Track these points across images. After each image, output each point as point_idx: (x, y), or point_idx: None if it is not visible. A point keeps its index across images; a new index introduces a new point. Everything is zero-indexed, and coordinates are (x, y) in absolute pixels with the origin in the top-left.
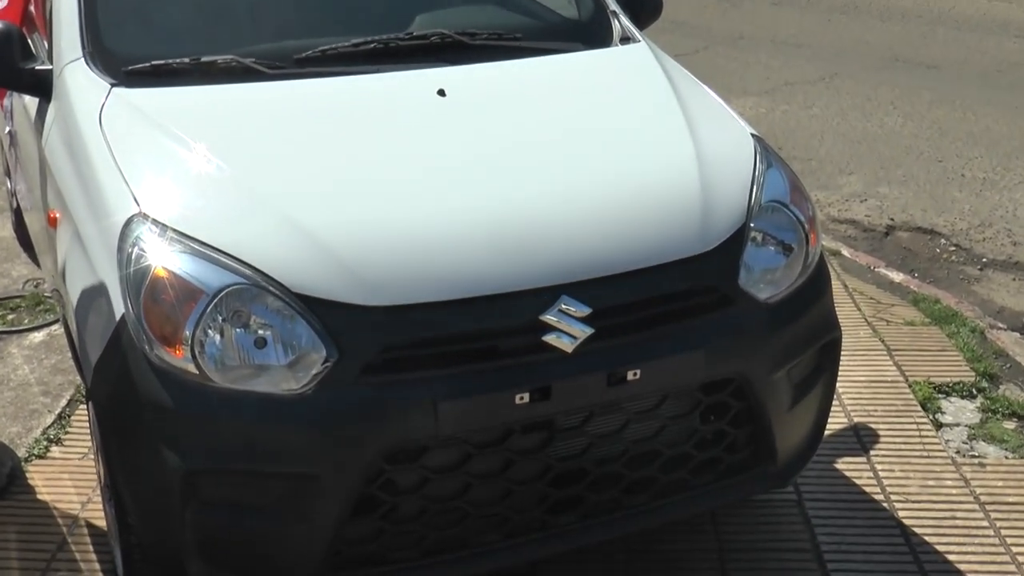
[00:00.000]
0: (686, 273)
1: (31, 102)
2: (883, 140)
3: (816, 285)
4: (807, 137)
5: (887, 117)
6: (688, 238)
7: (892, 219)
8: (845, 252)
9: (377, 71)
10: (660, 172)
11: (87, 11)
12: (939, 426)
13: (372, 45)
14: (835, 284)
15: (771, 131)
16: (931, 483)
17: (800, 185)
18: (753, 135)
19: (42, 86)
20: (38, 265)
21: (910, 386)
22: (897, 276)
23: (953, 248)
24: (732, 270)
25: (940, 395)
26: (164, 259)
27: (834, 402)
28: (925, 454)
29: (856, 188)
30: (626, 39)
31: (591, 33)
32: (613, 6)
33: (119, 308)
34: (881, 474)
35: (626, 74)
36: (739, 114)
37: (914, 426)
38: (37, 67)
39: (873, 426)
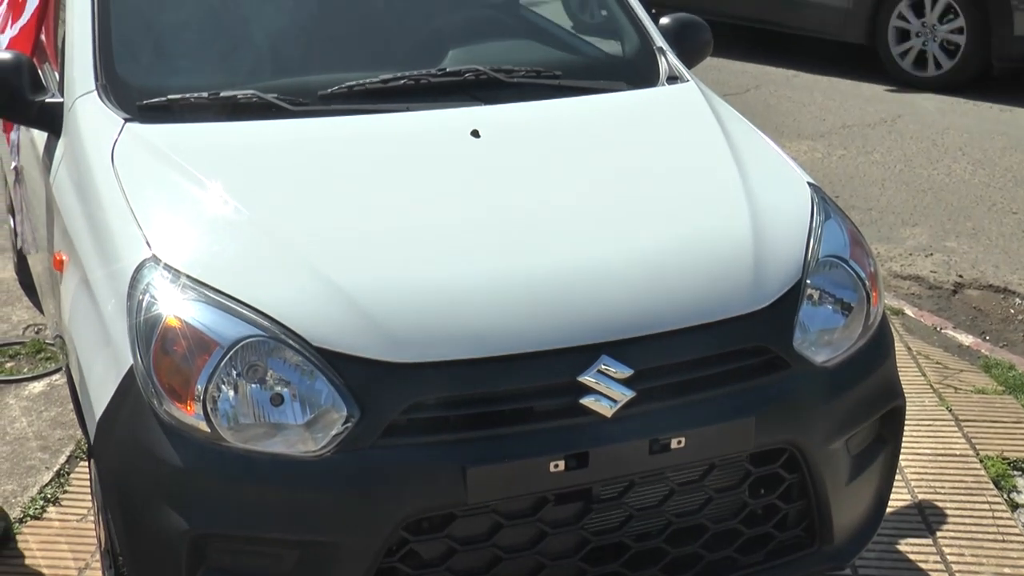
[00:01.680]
0: (736, 333)
1: (39, 136)
2: (951, 189)
3: (878, 348)
4: (867, 185)
5: (955, 164)
6: (739, 295)
7: (961, 276)
8: (909, 311)
9: (407, 109)
10: (709, 223)
11: (101, 41)
12: (1014, 506)
13: (402, 81)
14: (898, 346)
15: (827, 178)
16: (1006, 570)
17: (861, 238)
18: (810, 183)
19: (52, 120)
20: (40, 310)
21: (981, 461)
22: (966, 339)
23: None
24: (786, 330)
25: (1015, 472)
26: (177, 307)
27: (897, 477)
28: (999, 537)
29: (921, 241)
30: (674, 78)
31: (636, 71)
32: (660, 42)
33: (127, 359)
34: (949, 558)
35: (673, 116)
36: (793, 159)
37: (986, 505)
38: (47, 100)
39: (940, 504)
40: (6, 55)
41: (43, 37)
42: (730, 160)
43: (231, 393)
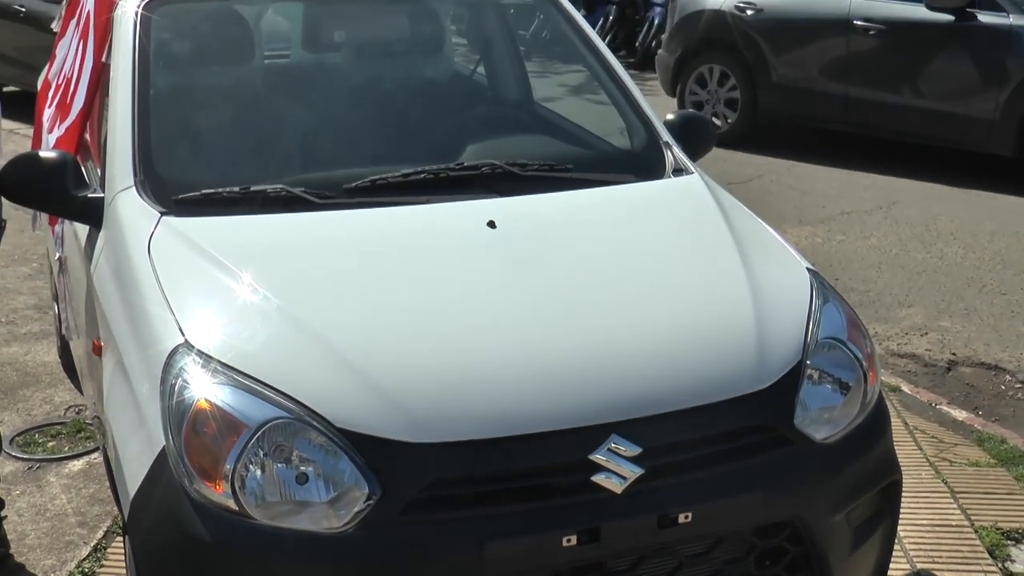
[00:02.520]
0: (740, 411)
1: (82, 229)
2: (943, 272)
3: (875, 424)
4: (865, 268)
5: (947, 248)
6: (742, 375)
7: (954, 354)
8: (905, 388)
9: (427, 201)
10: (713, 308)
11: (140, 139)
12: (1009, 575)
13: (423, 175)
14: (895, 422)
15: (828, 261)
16: None
17: (858, 321)
18: (809, 269)
19: (93, 214)
20: (81, 392)
21: (976, 531)
22: (960, 414)
23: (1019, 385)
24: (788, 409)
25: (1009, 542)
26: (207, 391)
27: (896, 547)
28: None
29: (916, 321)
30: (679, 170)
31: (644, 164)
32: (666, 137)
33: (159, 440)
34: None
35: (679, 207)
36: (795, 245)
37: (982, 574)
38: (89, 195)
39: (938, 573)
40: (52, 154)
41: (87, 136)
42: (733, 248)
43: (258, 472)
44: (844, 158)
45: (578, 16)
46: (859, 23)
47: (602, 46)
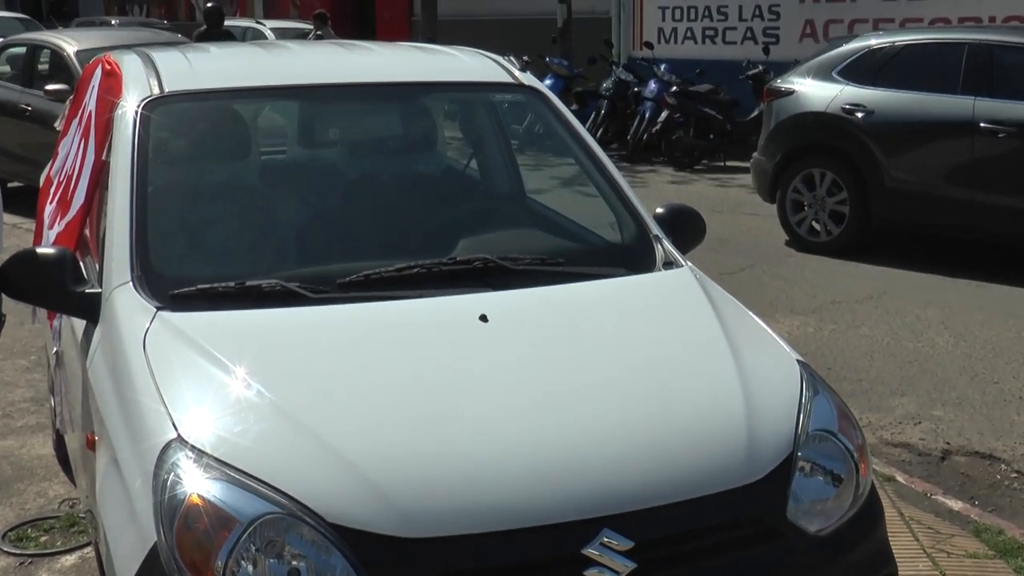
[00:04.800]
0: (732, 504)
1: (79, 324)
2: (935, 360)
3: (868, 516)
4: (856, 357)
5: (938, 337)
6: (733, 468)
7: (948, 443)
8: (900, 478)
9: (420, 295)
10: (704, 401)
11: (138, 236)
12: None
13: (415, 270)
14: (890, 512)
15: (819, 351)
16: None
17: (848, 412)
18: (799, 361)
19: (90, 309)
20: (75, 485)
21: None
22: (956, 504)
23: (1015, 475)
24: (780, 501)
25: None
26: (199, 486)
27: None
28: None
29: (909, 410)
30: (669, 263)
31: (634, 258)
32: (656, 230)
33: (151, 535)
34: None
35: (669, 300)
36: (786, 334)
37: None
38: (87, 290)
39: None
40: (51, 250)
41: (87, 232)
42: (723, 341)
43: (250, 568)
44: (835, 249)
45: (567, 112)
46: (986, 125)
47: (591, 141)
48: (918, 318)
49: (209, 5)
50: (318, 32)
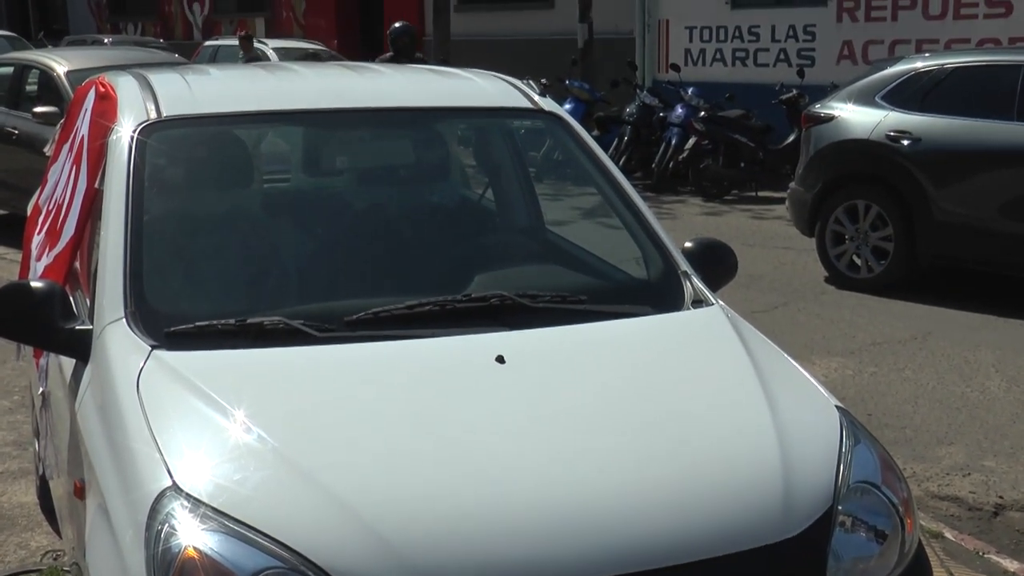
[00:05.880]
0: (767, 562)
1: (67, 362)
2: (985, 407)
3: None
4: (899, 403)
5: (988, 381)
6: (768, 523)
7: (1001, 497)
8: (948, 534)
9: (432, 335)
10: (736, 450)
11: (132, 269)
12: None
13: (428, 307)
14: (939, 572)
15: (859, 395)
16: None
17: (892, 463)
18: (838, 407)
19: (80, 347)
20: (60, 535)
21: None
22: (1011, 564)
23: None
24: (819, 559)
25: None
26: (195, 538)
27: None
28: None
29: (958, 460)
30: (699, 302)
31: (661, 295)
32: (684, 266)
33: None
34: None
35: (698, 341)
36: (823, 378)
37: None
38: (77, 327)
39: None
40: (39, 284)
41: (77, 264)
42: (757, 386)
43: None
44: (880, 286)
45: (589, 139)
46: None
47: (615, 169)
48: (967, 361)
49: (397, 25)
50: (249, 55)
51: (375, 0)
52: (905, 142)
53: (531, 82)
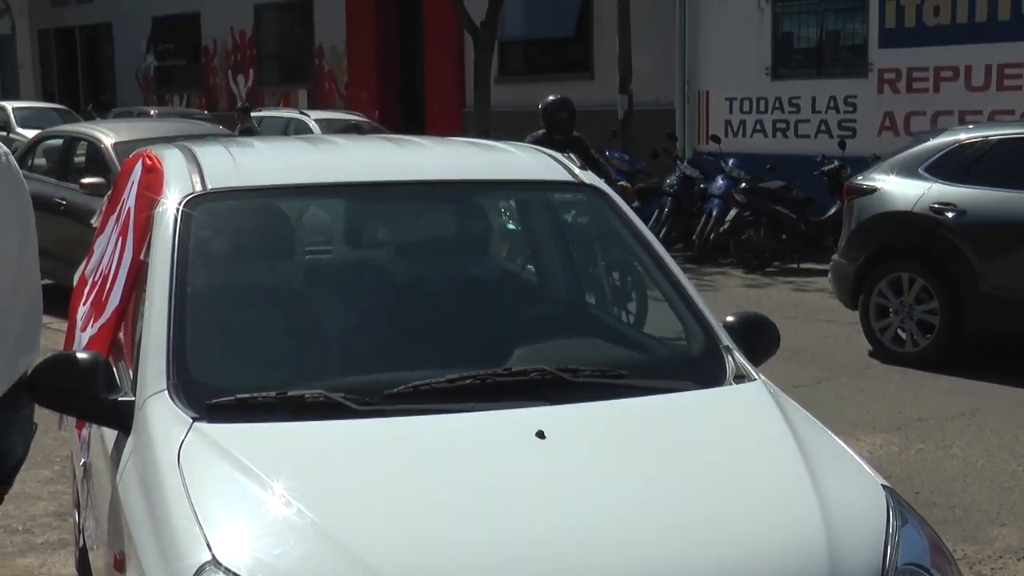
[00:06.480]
0: None
1: (109, 434)
2: None
3: None
4: (948, 481)
5: None
6: None
7: None
8: None
9: (472, 408)
10: (779, 532)
11: (175, 341)
12: None
13: (468, 381)
14: None
15: (906, 473)
16: None
17: (941, 544)
18: (884, 486)
19: (122, 419)
20: None
21: None
22: None
23: None
24: None
25: None
26: None
27: None
28: None
29: (1011, 542)
30: (741, 377)
31: (702, 370)
32: (727, 341)
33: None
34: None
35: (740, 418)
36: (868, 455)
37: None
38: (119, 399)
39: None
40: (83, 355)
41: (122, 336)
42: (801, 465)
43: None
44: (921, 359)
45: (630, 212)
46: None
47: (655, 242)
48: (1017, 438)
49: (552, 98)
50: (244, 126)
51: (416, 72)
52: (949, 214)
53: (572, 155)
